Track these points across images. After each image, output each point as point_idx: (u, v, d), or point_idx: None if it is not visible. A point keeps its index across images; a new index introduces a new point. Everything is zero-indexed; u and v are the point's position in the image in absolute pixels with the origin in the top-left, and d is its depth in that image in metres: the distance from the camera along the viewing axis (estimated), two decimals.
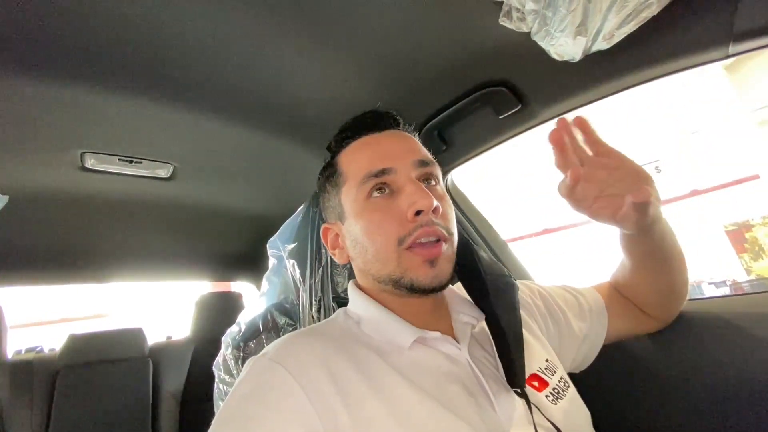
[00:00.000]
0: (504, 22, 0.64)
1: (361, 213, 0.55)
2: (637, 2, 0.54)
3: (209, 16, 0.67)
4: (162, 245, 1.62)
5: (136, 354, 1.60)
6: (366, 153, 0.57)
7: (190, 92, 0.84)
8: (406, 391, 0.46)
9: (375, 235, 0.53)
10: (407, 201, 0.51)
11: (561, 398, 0.54)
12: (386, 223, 0.52)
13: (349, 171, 0.58)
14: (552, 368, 0.58)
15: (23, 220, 1.21)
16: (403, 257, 0.51)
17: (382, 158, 0.55)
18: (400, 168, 0.54)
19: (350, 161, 0.59)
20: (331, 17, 0.70)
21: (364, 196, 0.54)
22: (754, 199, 4.73)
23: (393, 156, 0.55)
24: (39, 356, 1.49)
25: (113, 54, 0.71)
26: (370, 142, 0.59)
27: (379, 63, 0.82)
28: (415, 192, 0.51)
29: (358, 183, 0.55)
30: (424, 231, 0.51)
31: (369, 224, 0.54)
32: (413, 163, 0.55)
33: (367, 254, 0.54)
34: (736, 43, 0.59)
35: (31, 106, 0.79)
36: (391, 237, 0.51)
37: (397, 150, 0.56)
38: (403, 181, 0.53)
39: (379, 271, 0.54)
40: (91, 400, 1.44)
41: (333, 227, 0.62)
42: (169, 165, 1.09)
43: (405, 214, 0.51)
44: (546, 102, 0.82)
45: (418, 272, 0.51)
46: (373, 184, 0.54)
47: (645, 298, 0.71)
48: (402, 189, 0.53)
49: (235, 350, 0.73)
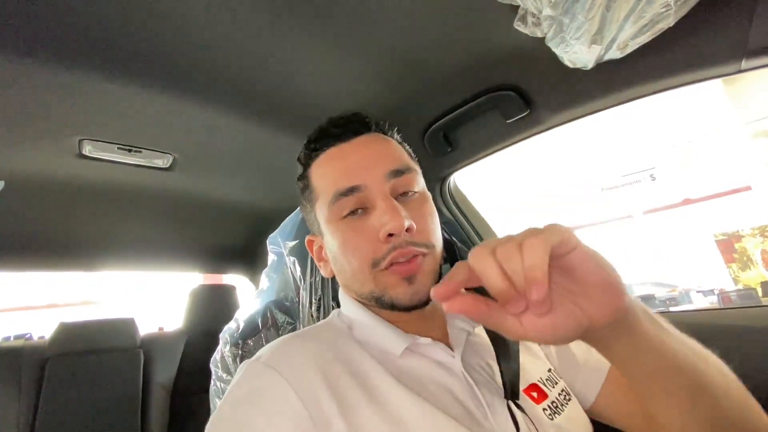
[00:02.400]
0: (519, 26, 0.63)
1: (334, 232, 0.53)
2: (654, 13, 0.54)
3: (215, 7, 0.65)
4: (157, 235, 1.60)
5: (127, 344, 1.58)
6: (333, 168, 0.54)
7: (193, 83, 0.83)
8: (400, 397, 0.45)
9: (350, 256, 0.51)
10: (377, 222, 0.49)
11: (559, 413, 0.52)
12: (360, 245, 0.50)
13: (319, 187, 0.55)
14: (553, 380, 0.56)
15: (17, 206, 1.18)
16: (378, 277, 0.50)
17: (349, 174, 0.52)
18: (371, 183, 0.51)
19: (319, 177, 0.56)
20: (341, 13, 0.69)
21: (336, 217, 0.52)
22: (744, 210, 4.80)
23: (362, 170, 0.52)
24: (28, 344, 1.47)
25: (116, 41, 0.70)
26: (337, 155, 0.55)
27: (388, 61, 0.81)
28: (385, 212, 0.49)
29: (329, 202, 0.52)
30: (399, 253, 0.49)
31: (344, 244, 0.52)
32: (385, 176, 0.52)
33: (346, 273, 0.54)
34: (749, 58, 0.59)
35: (29, 90, 0.77)
36: (365, 259, 0.50)
37: (366, 162, 0.53)
38: (374, 198, 0.51)
39: (359, 289, 0.53)
40: (81, 389, 1.42)
41: (316, 240, 0.60)
42: (168, 155, 1.07)
43: (378, 235, 0.49)
44: (554, 108, 0.82)
45: (397, 290, 0.50)
46: (344, 204, 0.51)
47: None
48: (374, 207, 0.51)
49: (233, 347, 0.72)
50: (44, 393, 1.36)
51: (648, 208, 5.60)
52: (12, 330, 1.62)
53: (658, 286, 4.77)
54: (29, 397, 1.35)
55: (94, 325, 1.59)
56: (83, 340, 1.52)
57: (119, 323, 1.62)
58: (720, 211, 5.02)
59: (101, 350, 1.52)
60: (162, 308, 3.85)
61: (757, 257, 4.66)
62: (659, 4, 0.52)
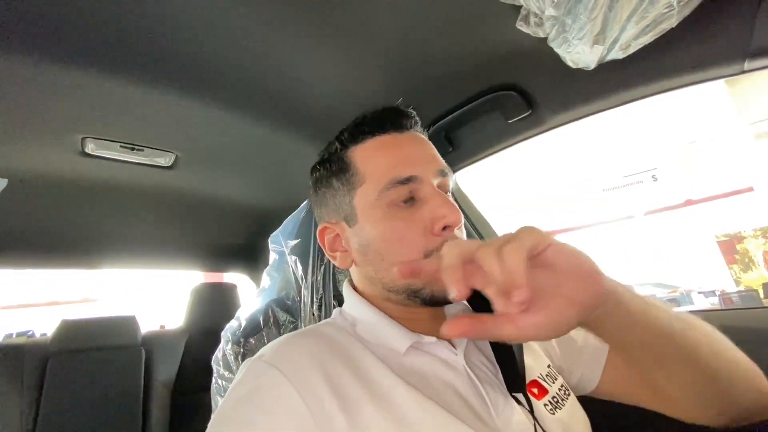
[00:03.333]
0: (521, 26, 0.63)
1: (380, 220, 0.52)
2: (657, 14, 0.54)
3: (218, 6, 0.65)
4: (159, 234, 1.60)
5: (128, 342, 1.59)
6: (389, 155, 0.54)
7: (196, 81, 0.83)
8: (404, 395, 0.45)
9: (396, 245, 0.51)
10: (436, 214, 0.50)
11: (560, 407, 0.53)
12: (411, 235, 0.50)
13: (367, 171, 0.54)
14: (553, 375, 0.57)
15: (19, 203, 1.19)
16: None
17: (407, 164, 0.52)
18: (425, 176, 0.52)
19: (369, 161, 0.55)
20: (343, 12, 0.69)
21: (387, 203, 0.52)
22: (746, 211, 4.79)
23: (417, 162, 0.52)
24: (30, 341, 1.47)
25: (119, 39, 0.70)
26: (392, 143, 0.55)
27: (390, 60, 0.81)
28: (443, 205, 0.50)
29: (381, 188, 0.52)
30: None
31: (390, 233, 0.51)
32: (437, 172, 0.53)
33: (382, 262, 0.52)
34: (752, 59, 0.59)
35: (31, 88, 0.78)
36: (417, 249, 0.49)
37: (421, 156, 0.54)
38: (427, 191, 0.51)
39: (394, 281, 0.52)
40: (82, 387, 1.43)
41: (334, 227, 0.58)
42: (170, 154, 1.07)
43: (431, 226, 0.49)
44: (556, 108, 0.82)
45: (440, 285, 0.49)
46: (399, 192, 0.51)
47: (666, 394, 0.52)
48: (426, 199, 0.51)
49: (235, 346, 0.73)
50: (46, 390, 1.37)
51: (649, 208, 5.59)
52: (14, 327, 1.62)
53: (659, 287, 4.76)
54: (31, 394, 1.35)
55: (95, 322, 1.59)
56: (85, 337, 1.52)
57: (121, 321, 1.62)
58: (722, 213, 5.01)
59: (103, 348, 1.53)
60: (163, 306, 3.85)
61: (759, 259, 4.65)
62: (662, 4, 0.52)
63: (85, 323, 1.57)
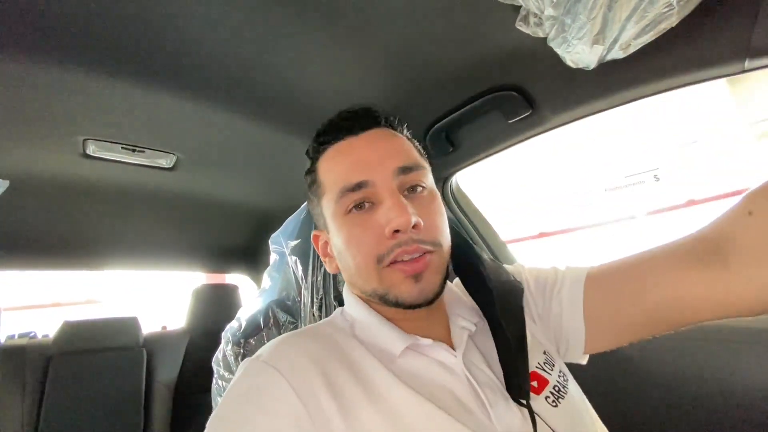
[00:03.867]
0: (520, 26, 0.63)
1: (340, 227, 0.52)
2: (656, 13, 0.53)
3: (219, 6, 0.66)
4: (160, 235, 1.61)
5: (130, 343, 1.59)
6: (341, 162, 0.53)
7: (197, 83, 0.83)
8: (401, 396, 0.45)
9: (354, 251, 0.51)
10: (383, 218, 0.48)
11: (562, 396, 0.51)
12: (364, 240, 0.49)
13: (326, 182, 0.54)
14: (550, 361, 0.55)
15: (21, 205, 1.19)
16: (383, 274, 0.49)
17: (358, 169, 0.51)
18: (379, 179, 0.50)
19: (327, 171, 0.55)
20: (344, 13, 0.69)
21: (343, 211, 0.51)
22: None
23: (370, 165, 0.51)
24: (32, 342, 1.48)
25: (120, 41, 0.70)
26: (345, 149, 0.54)
27: (390, 61, 0.81)
28: (392, 208, 0.48)
29: (336, 197, 0.52)
30: (404, 250, 0.48)
31: (348, 239, 0.51)
32: (394, 172, 0.51)
33: (350, 269, 0.53)
34: (752, 59, 0.59)
35: (33, 90, 0.78)
36: (370, 255, 0.49)
37: (375, 157, 0.52)
38: (381, 194, 0.50)
39: (363, 286, 0.52)
40: (84, 388, 1.43)
41: (322, 235, 0.59)
42: (171, 155, 1.08)
43: (383, 231, 0.48)
44: (557, 108, 0.82)
45: (401, 289, 0.49)
46: (351, 199, 0.51)
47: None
48: (381, 202, 0.50)
49: (235, 346, 0.73)
50: (48, 391, 1.37)
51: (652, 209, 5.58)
52: (16, 328, 1.63)
53: None
54: (33, 394, 1.36)
55: (97, 323, 1.60)
56: (87, 338, 1.53)
57: (122, 322, 1.63)
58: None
59: (104, 349, 1.53)
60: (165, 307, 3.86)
61: None
62: (662, 4, 0.52)
63: (86, 324, 1.57)
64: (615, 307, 0.54)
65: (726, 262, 0.46)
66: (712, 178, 5.12)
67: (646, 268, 0.53)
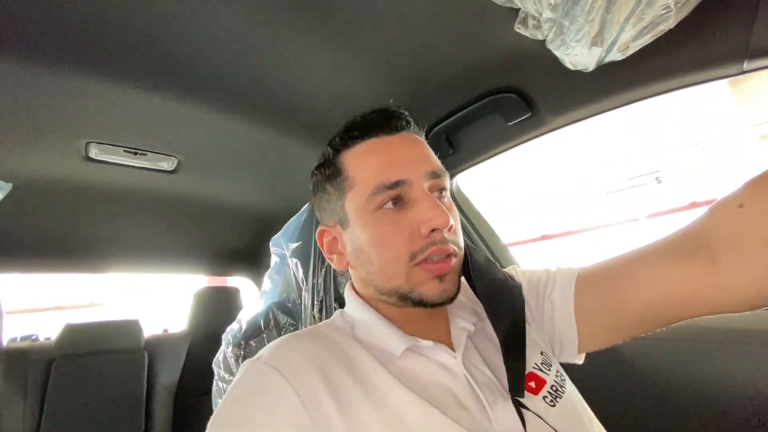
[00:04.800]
0: (519, 29, 0.63)
1: (369, 224, 0.52)
2: (654, 15, 0.54)
3: (221, 11, 0.66)
4: (162, 238, 1.61)
5: (131, 346, 1.59)
6: (377, 159, 0.53)
7: (199, 86, 0.84)
8: (401, 397, 0.45)
9: (383, 248, 0.51)
10: (423, 217, 0.49)
11: (560, 396, 0.52)
12: (397, 238, 0.50)
13: (356, 176, 0.54)
14: (548, 362, 0.55)
15: (24, 208, 1.20)
16: (412, 273, 0.50)
17: (395, 167, 0.51)
18: (415, 179, 0.51)
19: (358, 165, 0.54)
20: (344, 16, 0.70)
21: (374, 207, 0.51)
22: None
23: (407, 165, 0.52)
24: (34, 345, 1.48)
25: (122, 44, 0.71)
26: (381, 147, 0.54)
27: (390, 64, 0.82)
28: (431, 208, 0.49)
29: (369, 192, 0.51)
30: (438, 249, 0.49)
31: (378, 236, 0.51)
32: (427, 174, 0.52)
33: (372, 266, 0.52)
34: (751, 60, 0.59)
35: (37, 93, 0.79)
36: (402, 252, 0.49)
37: (410, 158, 0.53)
38: (416, 194, 0.51)
39: (384, 284, 0.52)
40: (85, 391, 1.44)
41: (331, 230, 0.58)
42: (173, 158, 1.08)
43: (417, 229, 0.49)
44: (556, 110, 0.82)
45: (427, 287, 0.50)
46: (387, 195, 0.50)
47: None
48: (415, 202, 0.51)
49: (235, 348, 0.73)
50: (49, 393, 1.38)
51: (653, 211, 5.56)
52: (19, 331, 1.64)
53: None
54: (35, 397, 1.36)
55: (99, 326, 1.60)
56: (88, 341, 1.53)
57: (124, 325, 1.63)
58: None
59: (106, 351, 1.54)
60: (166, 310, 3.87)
61: None
62: (659, 6, 0.52)
63: (88, 327, 1.58)
64: (606, 306, 0.55)
65: (714, 257, 0.46)
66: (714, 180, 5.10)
67: (635, 265, 0.54)
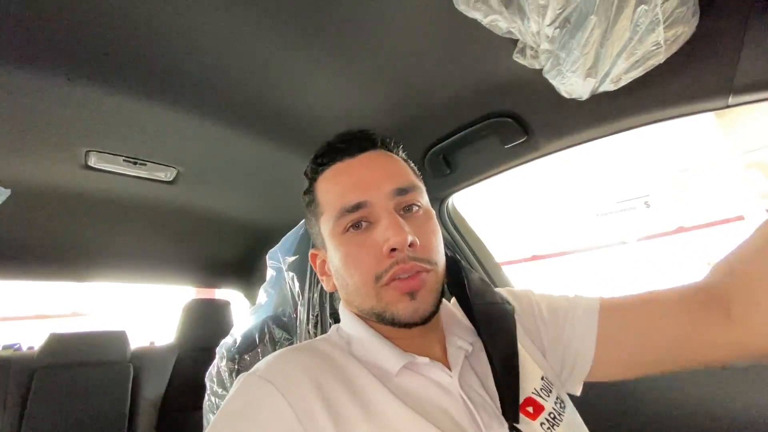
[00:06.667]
0: (518, 58, 0.66)
1: (338, 246, 0.53)
2: (645, 51, 0.57)
3: (224, 26, 0.68)
4: (155, 248, 1.60)
5: (117, 358, 1.56)
6: (339, 184, 0.55)
7: (200, 99, 0.85)
8: (397, 414, 0.45)
9: (352, 270, 0.52)
10: (381, 237, 0.49)
11: (557, 424, 0.51)
12: (363, 259, 0.51)
13: (324, 202, 0.56)
14: (547, 388, 0.55)
15: (20, 214, 1.19)
16: (381, 293, 0.50)
17: (355, 190, 0.52)
18: (376, 199, 0.52)
19: (325, 191, 0.56)
20: (348, 38, 0.72)
21: (341, 230, 0.53)
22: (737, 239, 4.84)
23: (368, 186, 0.53)
24: (16, 354, 1.44)
25: (126, 55, 0.72)
26: (343, 171, 0.56)
27: (391, 85, 0.84)
28: (389, 227, 0.49)
29: (334, 217, 0.53)
30: (401, 268, 0.49)
31: (346, 258, 0.52)
32: (390, 193, 0.52)
33: (348, 287, 0.54)
34: (735, 95, 0.62)
35: (39, 102, 0.79)
36: (368, 273, 0.50)
37: (372, 179, 0.53)
38: (378, 214, 0.51)
39: (360, 304, 0.53)
40: (67, 403, 1.39)
41: (319, 253, 0.61)
42: (173, 169, 1.09)
43: (381, 250, 0.49)
44: (551, 136, 0.85)
45: (398, 306, 0.50)
46: (349, 219, 0.52)
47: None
48: (378, 222, 0.51)
49: (229, 362, 0.72)
50: (30, 405, 1.34)
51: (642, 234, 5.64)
52: (1, 340, 1.59)
53: None
54: (15, 408, 1.32)
55: (84, 337, 1.57)
56: (73, 352, 1.50)
57: (110, 336, 1.60)
58: (713, 240, 5.07)
59: (90, 363, 1.50)
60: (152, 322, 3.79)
61: None
62: (650, 42, 0.55)
63: (73, 337, 1.54)
64: (628, 338, 0.56)
65: (727, 312, 0.49)
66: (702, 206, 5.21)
67: (657, 307, 0.55)
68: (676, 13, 0.53)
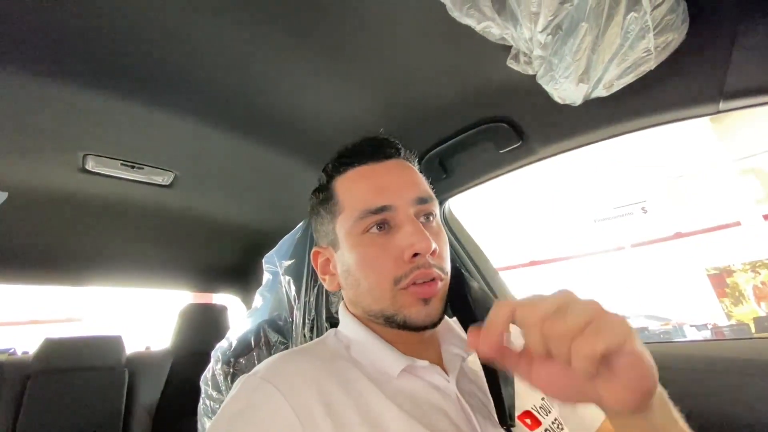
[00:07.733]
0: (511, 64, 0.67)
1: (355, 246, 0.54)
2: (636, 57, 0.58)
3: (222, 31, 0.68)
4: (152, 252, 1.59)
5: (112, 363, 1.55)
6: (365, 185, 0.56)
7: (198, 103, 0.86)
8: (395, 419, 0.45)
9: (369, 271, 0.52)
10: (405, 242, 0.50)
11: None
12: (382, 261, 0.51)
13: (345, 201, 0.56)
14: (547, 408, 0.56)
15: (16, 217, 1.18)
16: (397, 296, 0.51)
17: (381, 193, 0.54)
18: (400, 205, 0.53)
19: (347, 191, 0.57)
20: (345, 43, 0.73)
21: (361, 231, 0.53)
22: (734, 245, 4.86)
23: (393, 191, 0.54)
24: (10, 359, 1.43)
25: (122, 59, 0.72)
26: (369, 174, 0.57)
27: (388, 90, 0.85)
28: (414, 233, 0.50)
29: (356, 217, 0.53)
30: (421, 273, 0.50)
31: (364, 259, 0.53)
32: (413, 200, 0.54)
33: (359, 288, 0.54)
34: (726, 101, 0.63)
35: (36, 105, 0.80)
36: (387, 276, 0.51)
37: (397, 184, 0.55)
38: (401, 219, 0.52)
39: (370, 306, 0.53)
40: (62, 408, 1.38)
41: (324, 252, 0.61)
42: (170, 173, 1.09)
43: (402, 254, 0.50)
44: (545, 140, 0.86)
45: (411, 310, 0.51)
46: (372, 220, 0.53)
47: None
48: (400, 227, 0.52)
49: (224, 365, 0.72)
50: (24, 410, 1.32)
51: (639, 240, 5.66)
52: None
53: (652, 319, 4.76)
54: (8, 414, 1.31)
55: (79, 342, 1.56)
56: (68, 357, 1.48)
57: (105, 341, 1.59)
58: (710, 246, 5.08)
59: (85, 368, 1.49)
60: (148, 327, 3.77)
61: (749, 292, 4.68)
62: (641, 49, 0.56)
63: (68, 342, 1.53)
64: None
65: None
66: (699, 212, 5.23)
67: None
68: (666, 20, 0.54)
